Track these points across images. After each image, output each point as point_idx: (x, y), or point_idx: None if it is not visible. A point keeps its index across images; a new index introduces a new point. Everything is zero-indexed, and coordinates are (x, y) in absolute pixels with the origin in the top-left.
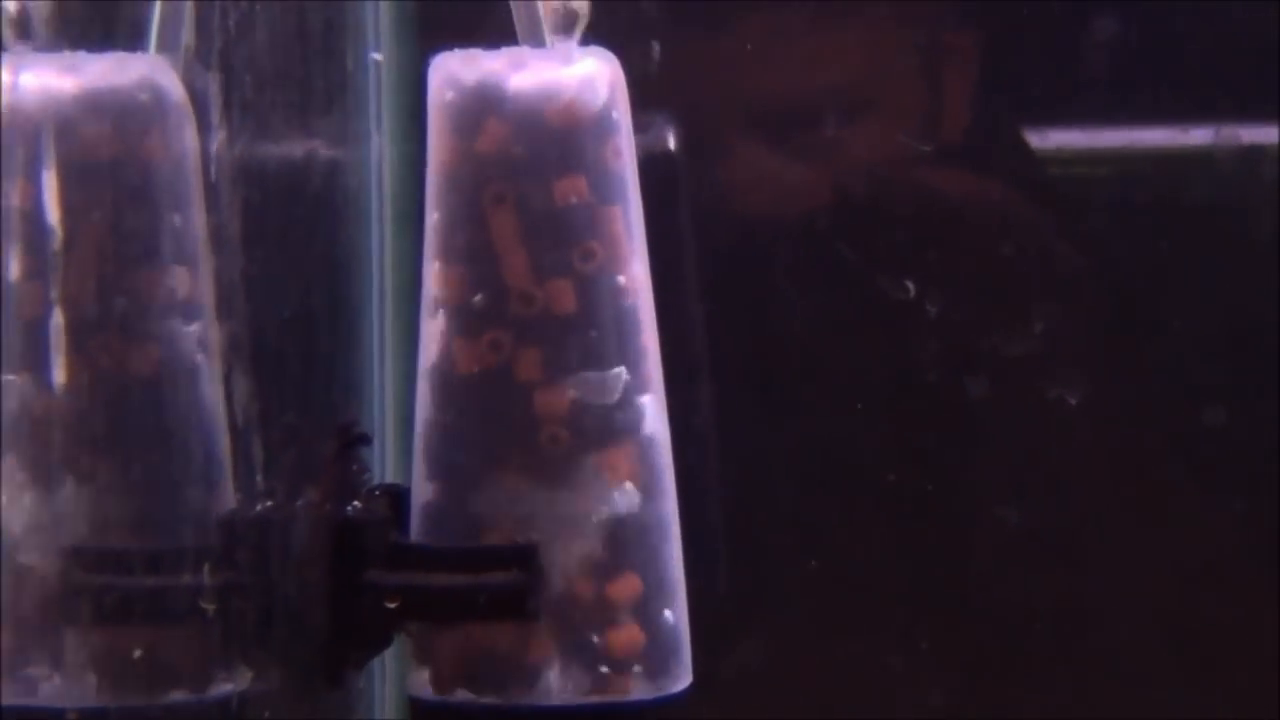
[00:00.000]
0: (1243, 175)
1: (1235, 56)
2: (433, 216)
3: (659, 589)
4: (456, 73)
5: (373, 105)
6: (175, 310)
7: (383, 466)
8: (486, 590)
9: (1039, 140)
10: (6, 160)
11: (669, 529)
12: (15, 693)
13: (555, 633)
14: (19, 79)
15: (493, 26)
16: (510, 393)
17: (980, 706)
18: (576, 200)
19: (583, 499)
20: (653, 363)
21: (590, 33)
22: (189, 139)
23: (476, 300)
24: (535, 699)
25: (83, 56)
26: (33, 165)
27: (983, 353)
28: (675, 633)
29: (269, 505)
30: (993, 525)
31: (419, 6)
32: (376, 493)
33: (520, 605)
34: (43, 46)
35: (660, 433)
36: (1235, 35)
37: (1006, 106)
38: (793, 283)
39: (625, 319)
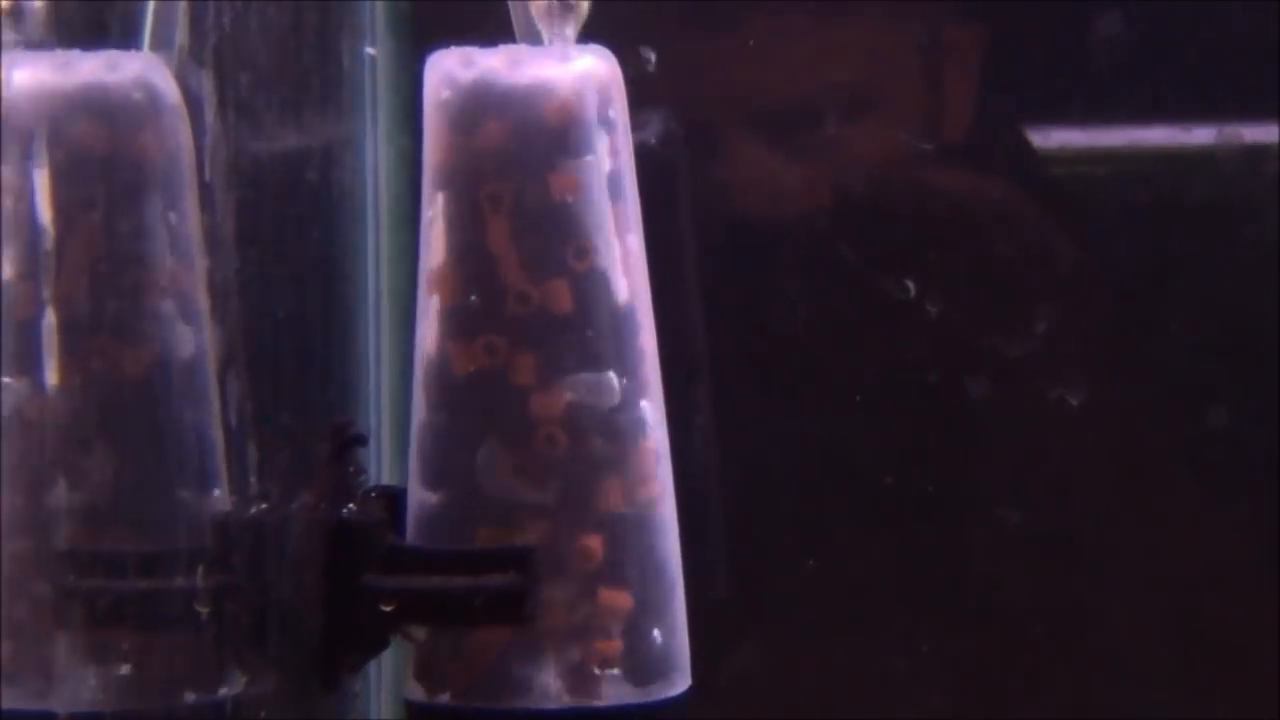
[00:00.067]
0: (1245, 174)
1: (1238, 55)
2: (428, 215)
3: (657, 592)
4: (452, 71)
5: (368, 103)
6: (169, 310)
7: (378, 468)
8: (483, 593)
9: (1041, 139)
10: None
11: (668, 530)
12: (9, 697)
13: (551, 636)
14: (12, 77)
15: (489, 24)
16: (506, 394)
17: (981, 709)
18: (573, 198)
19: (580, 501)
20: (651, 364)
21: (587, 31)
22: (183, 137)
23: (472, 300)
24: (531, 703)
25: (76, 54)
26: (25, 164)
27: (984, 353)
28: (674, 636)
29: (264, 507)
30: (993, 527)
31: (415, 4)
32: (372, 495)
33: (517, 608)
34: (35, 44)
35: (659, 434)
36: (1238, 34)
37: (1008, 105)
38: (793, 283)
39: (623, 319)
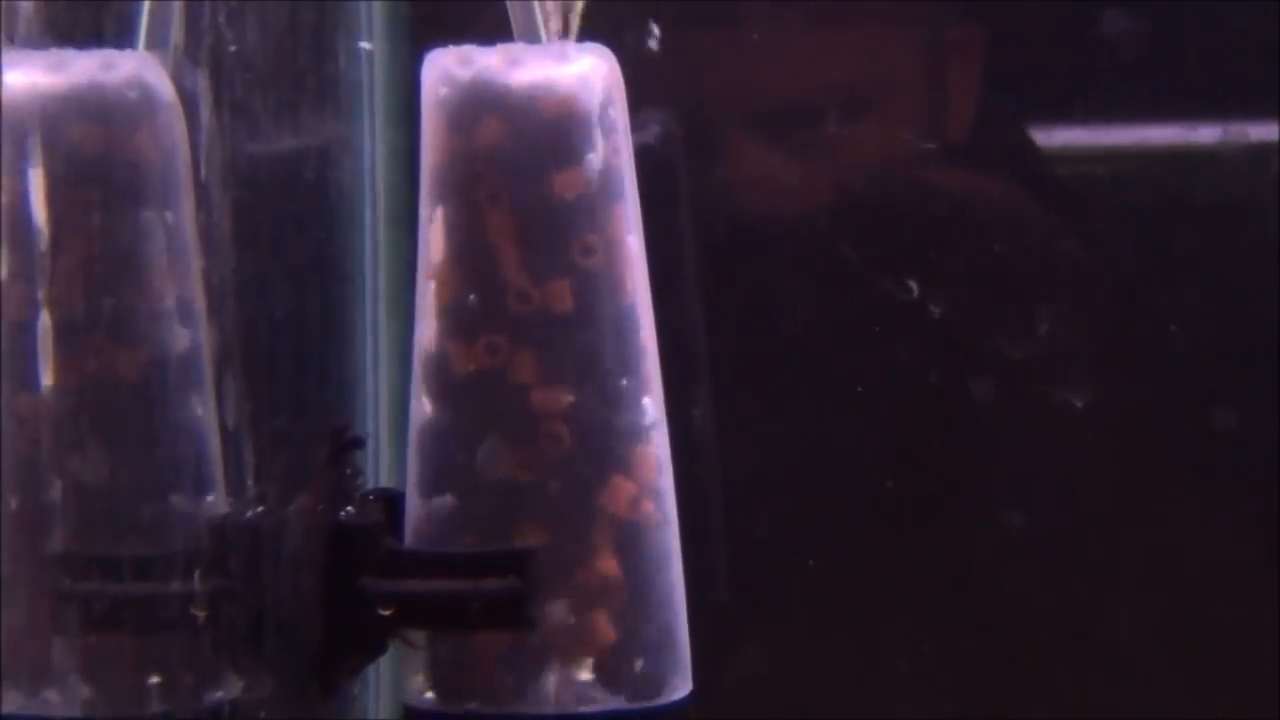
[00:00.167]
0: (1251, 174)
1: (1242, 54)
2: (427, 215)
3: (659, 595)
4: (451, 69)
5: (366, 102)
6: (164, 312)
7: (376, 470)
8: (482, 597)
9: (1044, 139)
10: None
11: (670, 532)
12: (4, 701)
13: (551, 640)
14: (5, 77)
15: (487, 23)
16: (507, 394)
17: (984, 712)
18: (573, 195)
19: (581, 502)
20: (651, 363)
21: (587, 29)
22: (178, 137)
23: (472, 300)
24: (530, 708)
25: (70, 54)
26: (19, 164)
27: (987, 355)
28: (675, 639)
29: (260, 510)
30: (997, 530)
31: (412, 2)
32: (370, 497)
33: (517, 613)
34: (30, 43)
35: (660, 434)
36: (1241, 32)
37: (1011, 105)
38: (794, 283)
39: (623, 319)
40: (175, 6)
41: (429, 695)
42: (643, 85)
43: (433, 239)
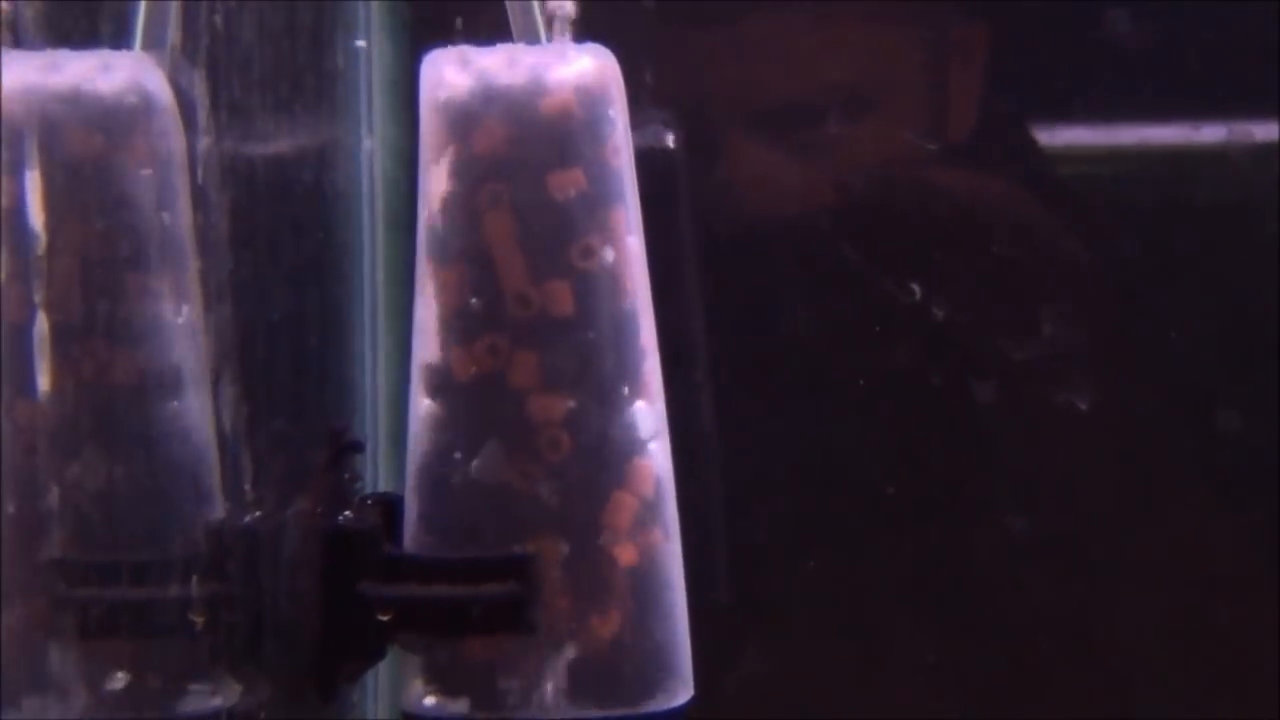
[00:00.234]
0: (1254, 174)
1: (1245, 54)
2: (426, 217)
3: (660, 599)
4: (450, 71)
5: (364, 104)
6: (162, 314)
7: (375, 474)
8: (482, 602)
9: (1047, 138)
10: None
11: (671, 534)
12: (3, 709)
13: (552, 645)
14: (2, 78)
15: (486, 23)
16: (507, 398)
17: (986, 715)
18: (573, 195)
19: (581, 505)
20: (652, 365)
21: (586, 29)
22: (175, 139)
23: (472, 303)
24: (530, 713)
25: (67, 55)
26: (15, 166)
27: (990, 356)
28: (676, 643)
29: (258, 515)
30: (999, 532)
31: (411, 3)
32: (369, 502)
33: (517, 618)
34: (26, 44)
35: (660, 437)
36: (1245, 32)
37: (1013, 104)
38: (795, 284)
39: (624, 321)
40: (172, 6)
41: (428, 701)
42: (642, 85)
43: (432, 241)
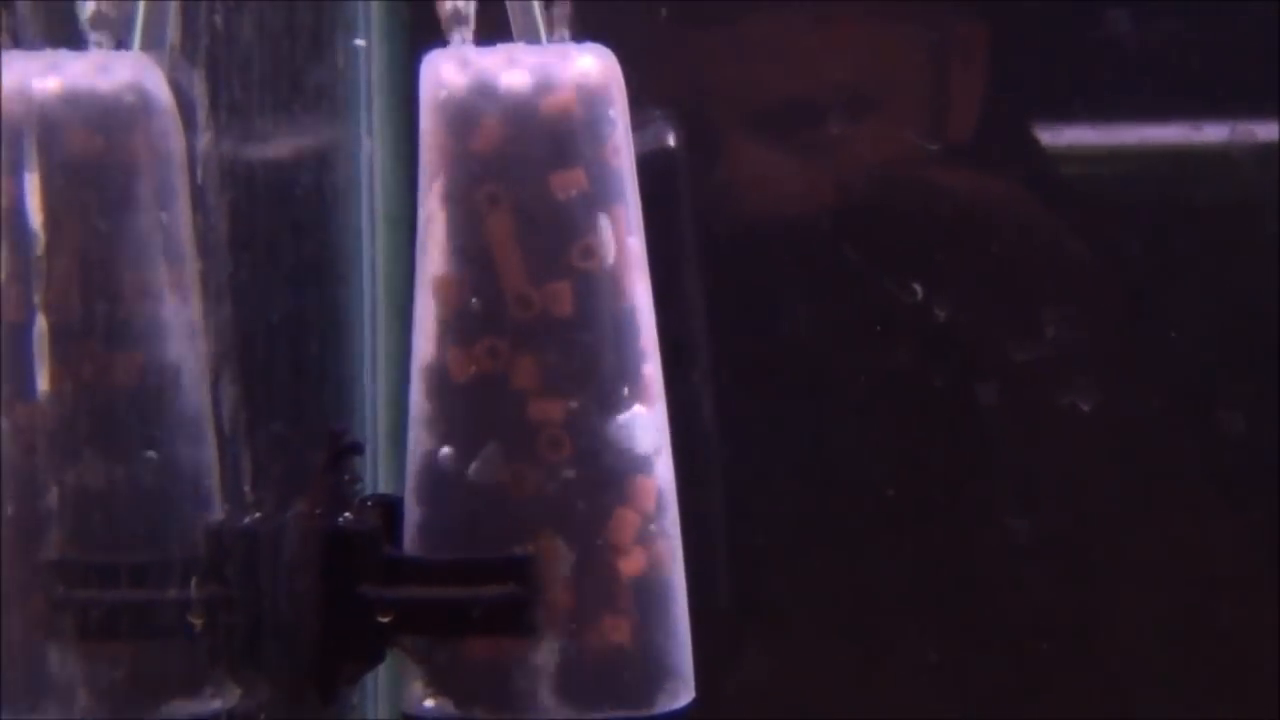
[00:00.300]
0: (1258, 174)
1: (1248, 52)
2: (425, 218)
3: (660, 602)
4: (449, 70)
5: (363, 104)
6: (161, 315)
7: (375, 476)
8: (483, 604)
9: (1049, 138)
10: None
11: (671, 537)
12: (3, 711)
13: (551, 647)
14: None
15: (486, 23)
16: (507, 399)
17: (989, 718)
18: (573, 195)
19: (581, 506)
20: (652, 367)
21: (586, 28)
22: (175, 139)
23: (472, 304)
24: (530, 714)
25: (65, 54)
26: (14, 166)
27: (992, 358)
28: (677, 645)
29: (257, 516)
30: (1003, 536)
31: (411, 2)
32: (368, 503)
33: (517, 619)
34: (25, 44)
35: (661, 439)
36: (1247, 31)
37: (1015, 104)
38: (796, 285)
39: (624, 322)
40: (171, 6)
41: (428, 703)
42: (643, 84)
43: (431, 243)
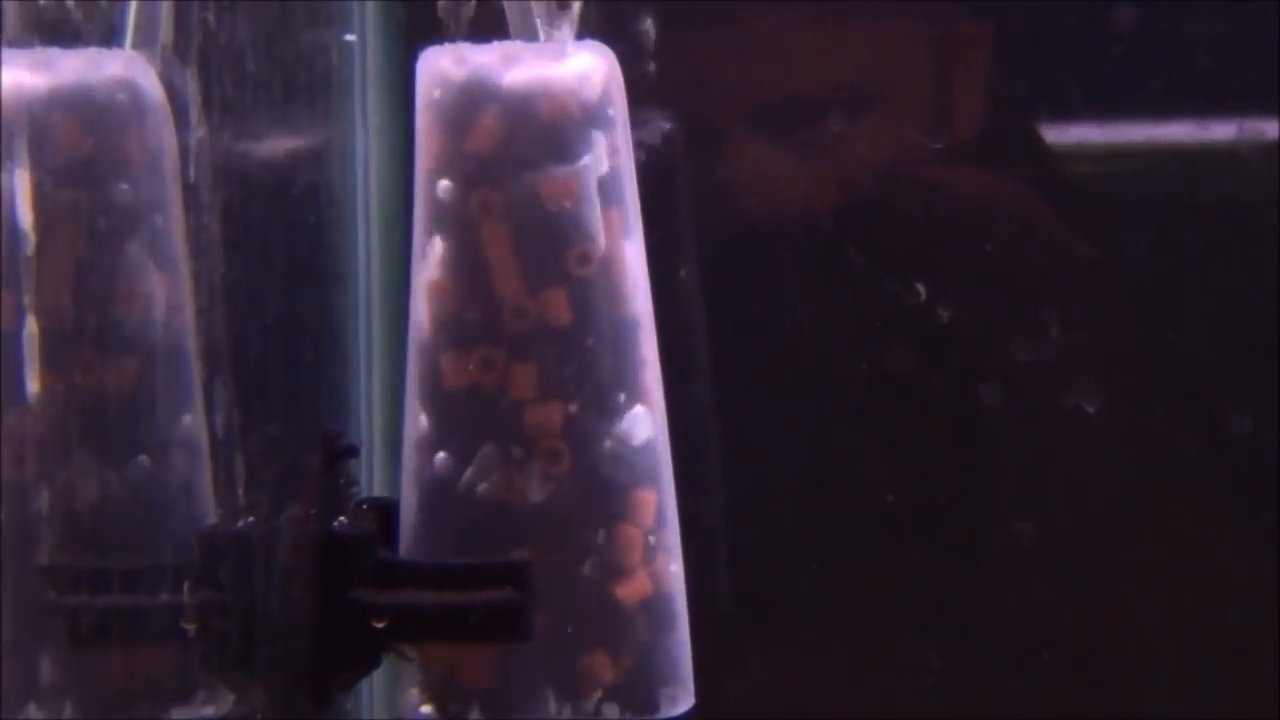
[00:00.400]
0: (1266, 172)
1: (1256, 49)
2: (420, 219)
3: (659, 606)
4: (445, 68)
5: (358, 103)
6: (153, 317)
7: (370, 479)
8: (479, 609)
9: (1054, 136)
10: None
11: (671, 542)
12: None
13: (550, 653)
14: None
15: (483, 21)
16: (503, 406)
17: None
18: (570, 201)
19: (579, 513)
20: (652, 372)
21: (586, 26)
22: (167, 138)
23: (467, 310)
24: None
25: (56, 52)
26: (5, 165)
27: (996, 358)
28: (677, 650)
29: (251, 520)
30: (1006, 538)
31: (405, 1)
32: (364, 507)
33: (514, 625)
34: (16, 42)
35: (660, 445)
36: (1255, 28)
37: (1020, 102)
38: (797, 284)
39: (623, 327)
40: (164, 5)
41: (424, 709)
42: (643, 83)
43: (426, 245)
